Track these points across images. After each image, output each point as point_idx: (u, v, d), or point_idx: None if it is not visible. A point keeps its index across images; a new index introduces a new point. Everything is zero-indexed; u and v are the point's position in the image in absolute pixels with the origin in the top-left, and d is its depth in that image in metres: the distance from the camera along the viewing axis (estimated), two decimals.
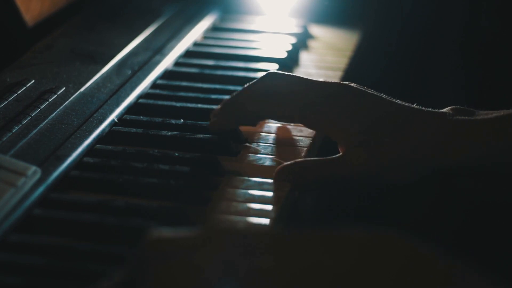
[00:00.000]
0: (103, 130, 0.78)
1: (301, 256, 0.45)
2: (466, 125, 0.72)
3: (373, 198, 1.01)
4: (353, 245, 0.46)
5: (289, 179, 0.73)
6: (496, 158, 0.71)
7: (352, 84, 0.76)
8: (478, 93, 1.25)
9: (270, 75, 0.77)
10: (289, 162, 0.74)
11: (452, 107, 0.74)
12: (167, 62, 0.94)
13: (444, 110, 0.74)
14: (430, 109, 0.74)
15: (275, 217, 0.68)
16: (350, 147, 0.73)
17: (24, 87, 0.82)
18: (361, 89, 0.75)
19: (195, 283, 0.45)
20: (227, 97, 0.87)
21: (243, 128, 0.81)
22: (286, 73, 0.78)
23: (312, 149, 0.81)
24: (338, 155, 0.74)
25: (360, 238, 0.46)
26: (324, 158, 0.74)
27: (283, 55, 0.99)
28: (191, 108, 0.84)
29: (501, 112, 0.72)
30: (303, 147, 0.80)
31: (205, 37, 1.05)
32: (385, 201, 1.00)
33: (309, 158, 0.75)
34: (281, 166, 0.74)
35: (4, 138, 0.72)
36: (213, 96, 0.87)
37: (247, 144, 0.79)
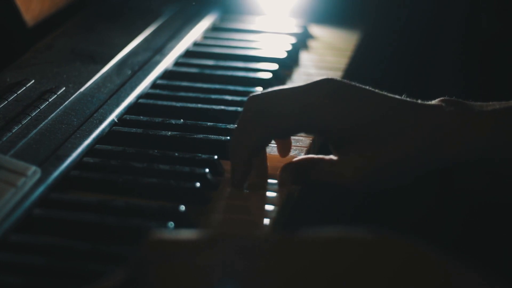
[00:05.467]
0: (103, 130, 0.78)
1: (300, 258, 0.45)
2: (464, 118, 0.71)
3: (373, 198, 1.00)
4: (351, 246, 0.46)
5: (291, 177, 0.72)
6: (494, 153, 0.71)
7: (334, 78, 0.72)
8: (479, 93, 1.25)
9: (251, 100, 0.72)
10: (293, 160, 0.73)
11: (442, 98, 0.72)
12: (167, 62, 0.94)
13: (436, 102, 0.72)
14: (423, 102, 0.72)
15: (275, 217, 0.68)
16: (345, 151, 0.71)
17: (24, 87, 0.82)
18: (345, 82, 0.72)
19: (196, 284, 0.45)
20: (227, 97, 0.87)
21: None
22: (266, 91, 0.72)
23: (312, 149, 0.81)
24: (337, 157, 0.72)
25: (358, 239, 0.46)
26: (325, 157, 0.73)
27: (283, 55, 0.99)
28: (191, 108, 0.84)
29: (497, 105, 0.71)
30: (303, 147, 0.80)
31: (205, 37, 1.05)
32: (385, 201, 1.00)
33: (312, 156, 0.73)
34: (284, 165, 0.73)
35: (4, 138, 0.72)
36: (213, 96, 0.87)
37: None
